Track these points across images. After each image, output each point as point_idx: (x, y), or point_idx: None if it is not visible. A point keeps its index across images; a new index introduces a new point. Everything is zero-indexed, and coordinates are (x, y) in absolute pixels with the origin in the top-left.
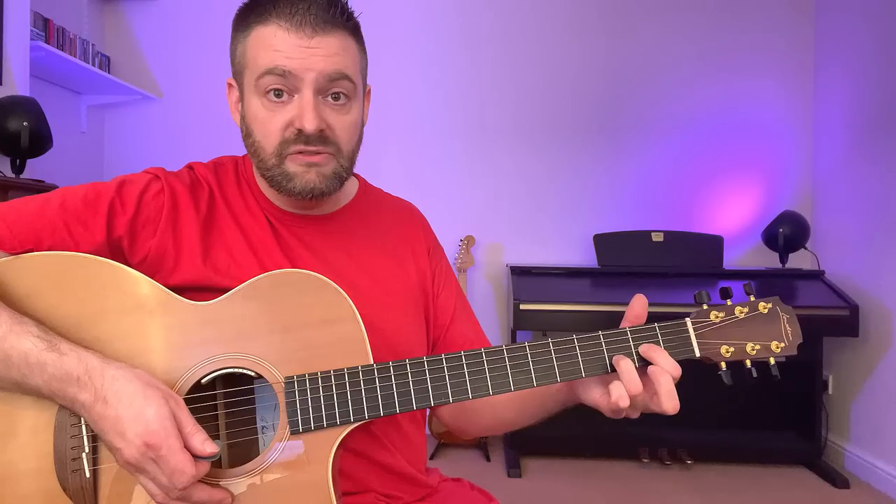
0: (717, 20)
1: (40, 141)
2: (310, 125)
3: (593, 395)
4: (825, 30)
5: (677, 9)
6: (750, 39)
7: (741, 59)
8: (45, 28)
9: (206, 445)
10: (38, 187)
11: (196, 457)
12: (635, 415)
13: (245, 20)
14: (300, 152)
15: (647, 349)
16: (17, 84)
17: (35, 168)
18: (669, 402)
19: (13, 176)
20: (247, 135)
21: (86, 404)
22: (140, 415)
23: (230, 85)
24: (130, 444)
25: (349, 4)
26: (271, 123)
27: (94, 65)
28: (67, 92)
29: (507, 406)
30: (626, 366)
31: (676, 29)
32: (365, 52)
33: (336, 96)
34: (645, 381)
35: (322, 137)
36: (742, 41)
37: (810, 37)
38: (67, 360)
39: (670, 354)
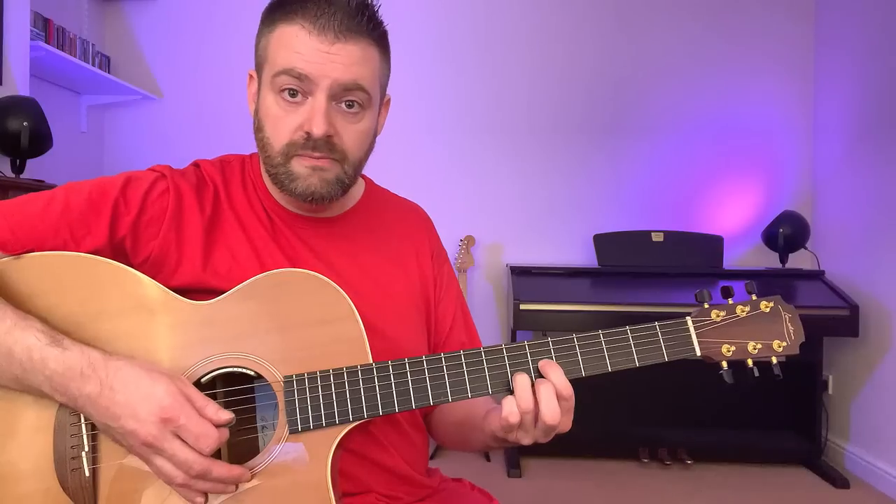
0: (717, 21)
1: (40, 141)
2: (318, 130)
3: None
4: (825, 30)
5: (677, 9)
6: (750, 40)
7: (741, 60)
8: (45, 28)
9: (220, 414)
10: (38, 187)
11: None
12: (527, 440)
13: (272, 15)
14: (307, 156)
15: (544, 364)
16: (17, 84)
17: (35, 168)
18: (549, 412)
19: (13, 176)
20: (258, 128)
21: (91, 396)
22: (150, 394)
23: (251, 76)
24: (146, 423)
25: (379, 13)
26: (283, 123)
27: (94, 65)
28: (67, 92)
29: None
30: (520, 381)
31: (676, 29)
32: (388, 63)
33: (350, 104)
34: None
35: (329, 144)
36: (742, 41)
37: (810, 37)
38: (70, 355)
39: (670, 353)
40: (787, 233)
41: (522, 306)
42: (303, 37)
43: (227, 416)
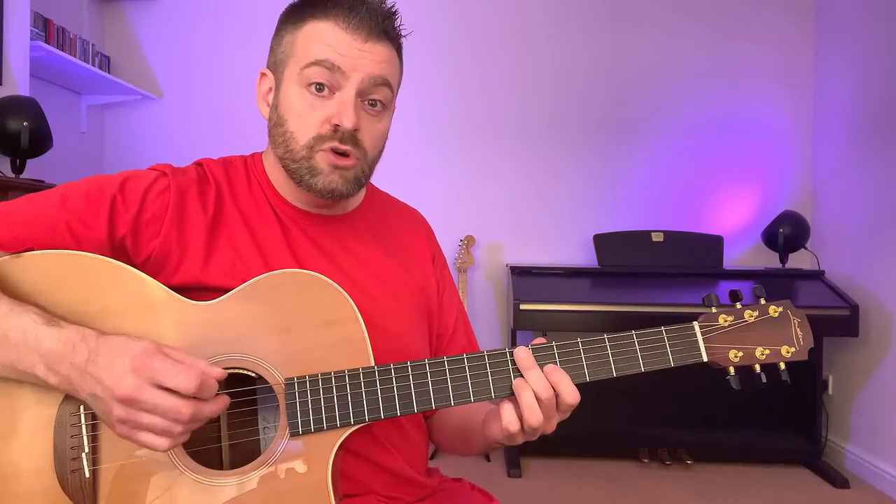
0: (717, 21)
1: (40, 141)
2: (349, 122)
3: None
4: (825, 30)
5: (678, 10)
6: (750, 40)
7: (741, 60)
8: (45, 28)
9: (197, 361)
10: (38, 187)
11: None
12: (520, 439)
13: (300, 13)
14: (332, 150)
15: (549, 370)
16: (18, 84)
17: (35, 168)
18: (532, 414)
19: (13, 176)
20: (277, 124)
21: (80, 365)
22: (127, 349)
23: (263, 75)
24: (122, 376)
25: (401, 25)
26: (309, 116)
27: (94, 65)
28: (67, 92)
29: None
30: (525, 395)
31: (677, 30)
32: (402, 72)
33: (373, 103)
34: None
35: (354, 139)
36: (742, 42)
37: (810, 37)
38: (66, 332)
39: (676, 359)
40: (787, 233)
41: (522, 306)
42: (338, 32)
43: (202, 363)
